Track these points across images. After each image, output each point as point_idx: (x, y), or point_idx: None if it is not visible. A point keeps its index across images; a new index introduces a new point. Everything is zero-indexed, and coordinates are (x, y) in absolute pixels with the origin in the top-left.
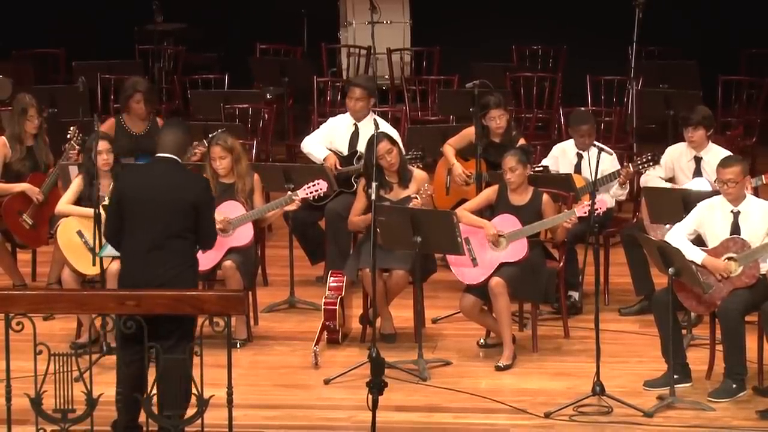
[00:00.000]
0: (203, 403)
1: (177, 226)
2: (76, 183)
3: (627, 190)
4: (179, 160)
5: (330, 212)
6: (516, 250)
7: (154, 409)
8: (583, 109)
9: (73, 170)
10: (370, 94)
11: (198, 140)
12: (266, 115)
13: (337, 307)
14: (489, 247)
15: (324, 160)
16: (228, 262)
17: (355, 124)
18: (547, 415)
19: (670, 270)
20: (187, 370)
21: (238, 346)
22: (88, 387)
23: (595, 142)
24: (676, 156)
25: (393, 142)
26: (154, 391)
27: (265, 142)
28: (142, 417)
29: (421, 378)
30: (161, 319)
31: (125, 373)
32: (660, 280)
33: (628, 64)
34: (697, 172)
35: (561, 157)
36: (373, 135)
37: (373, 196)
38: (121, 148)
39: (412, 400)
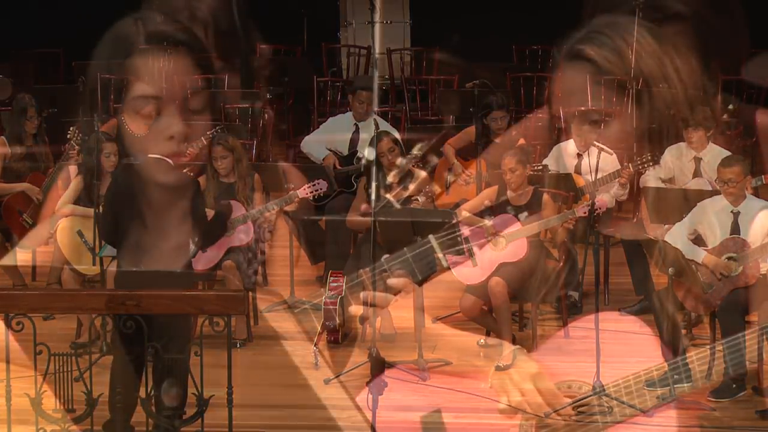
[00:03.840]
0: (203, 403)
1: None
2: (76, 183)
3: (627, 190)
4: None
5: (330, 212)
6: (515, 250)
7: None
8: (584, 109)
9: (73, 170)
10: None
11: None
12: (266, 115)
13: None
14: (488, 247)
15: (323, 160)
16: (228, 262)
17: (355, 124)
18: (547, 415)
19: (670, 270)
20: (181, 370)
21: (238, 346)
22: (88, 387)
23: (595, 142)
24: (676, 156)
25: (395, 141)
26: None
27: (265, 142)
28: (142, 417)
29: (421, 378)
30: (154, 319)
31: (124, 372)
32: (660, 280)
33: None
34: (697, 173)
35: (561, 157)
36: (374, 136)
37: (373, 196)
38: (122, 149)
39: (412, 400)
